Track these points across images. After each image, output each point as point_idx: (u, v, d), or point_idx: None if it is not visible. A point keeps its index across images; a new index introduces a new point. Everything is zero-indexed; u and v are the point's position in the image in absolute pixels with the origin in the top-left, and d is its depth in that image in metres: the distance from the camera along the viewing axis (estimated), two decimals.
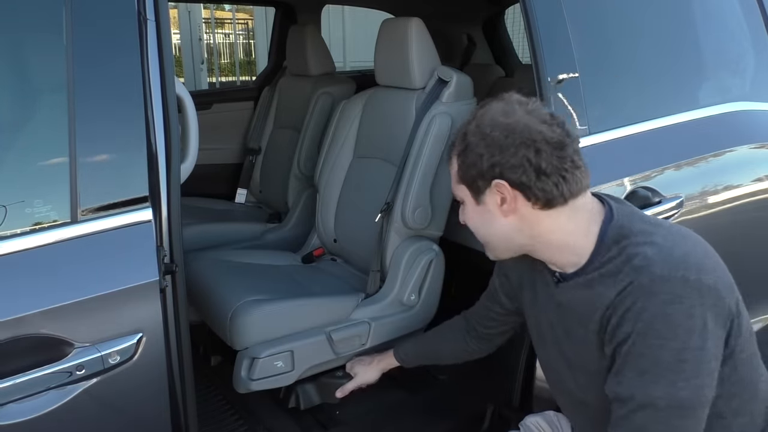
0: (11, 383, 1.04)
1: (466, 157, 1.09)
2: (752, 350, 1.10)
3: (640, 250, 1.03)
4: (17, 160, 1.12)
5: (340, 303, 1.82)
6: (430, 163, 1.85)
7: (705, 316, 0.98)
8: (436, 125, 1.85)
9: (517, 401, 1.74)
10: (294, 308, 1.76)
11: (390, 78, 2.09)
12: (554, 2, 1.57)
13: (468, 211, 1.16)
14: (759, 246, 1.88)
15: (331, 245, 2.22)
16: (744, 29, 1.91)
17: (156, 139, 1.18)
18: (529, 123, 1.04)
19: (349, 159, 2.21)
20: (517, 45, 3.73)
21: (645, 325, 0.98)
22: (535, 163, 1.03)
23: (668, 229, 1.09)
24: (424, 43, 1.96)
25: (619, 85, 1.70)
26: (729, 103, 1.84)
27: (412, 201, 1.84)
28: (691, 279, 0.98)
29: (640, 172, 1.62)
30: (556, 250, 1.12)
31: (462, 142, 1.11)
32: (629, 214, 1.10)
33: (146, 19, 1.17)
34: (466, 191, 1.13)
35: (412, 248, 1.87)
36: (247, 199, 3.04)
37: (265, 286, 1.88)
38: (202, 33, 8.10)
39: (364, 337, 1.79)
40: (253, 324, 1.68)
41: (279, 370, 1.67)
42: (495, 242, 1.17)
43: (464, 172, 1.11)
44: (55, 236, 1.09)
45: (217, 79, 8.79)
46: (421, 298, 1.88)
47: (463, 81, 1.91)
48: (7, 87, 1.14)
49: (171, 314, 1.21)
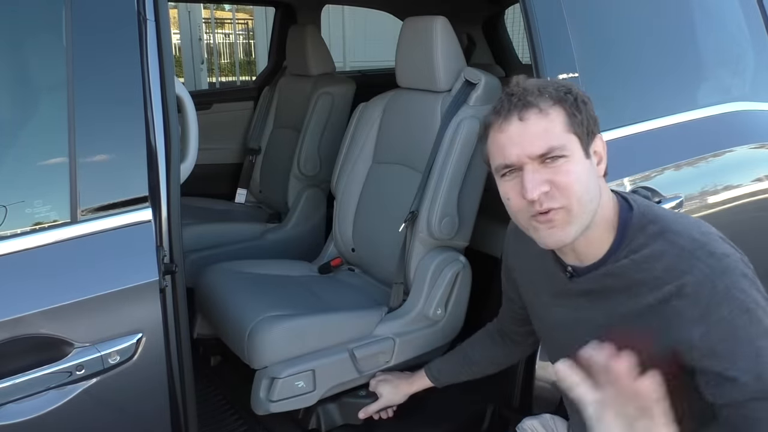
0: (11, 383, 1.04)
1: (577, 104, 1.03)
2: None
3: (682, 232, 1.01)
4: (17, 160, 1.12)
5: (363, 318, 1.74)
6: (458, 170, 1.77)
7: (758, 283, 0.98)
8: (464, 130, 1.76)
9: (517, 402, 1.74)
10: (315, 324, 1.68)
11: (413, 80, 2.00)
12: (554, 2, 1.57)
13: (574, 166, 1.02)
14: (759, 246, 1.88)
15: (349, 255, 2.14)
16: (744, 29, 1.91)
17: (156, 139, 1.18)
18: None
19: (368, 164, 2.12)
20: (517, 45, 3.73)
21: (739, 302, 0.94)
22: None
23: (684, 215, 1.10)
24: (449, 43, 1.86)
25: (619, 85, 1.70)
26: (729, 103, 1.84)
27: (439, 210, 1.75)
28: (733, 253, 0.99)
29: (639, 172, 1.62)
30: (597, 232, 1.06)
31: (566, 90, 1.05)
32: (646, 204, 1.09)
33: (146, 19, 1.17)
34: (576, 143, 1.03)
35: (438, 259, 1.79)
36: (247, 199, 3.04)
37: (283, 300, 1.80)
38: (202, 33, 8.10)
39: (388, 354, 1.72)
40: (272, 342, 1.61)
41: (300, 390, 1.60)
42: (589, 207, 1.03)
43: (576, 119, 1.03)
44: (54, 236, 1.09)
45: (217, 79, 8.79)
46: (448, 312, 1.80)
47: (491, 83, 1.83)
48: (7, 87, 1.14)
49: (171, 314, 1.21)
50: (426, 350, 1.79)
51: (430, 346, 1.79)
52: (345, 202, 2.14)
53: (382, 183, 2.07)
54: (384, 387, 1.66)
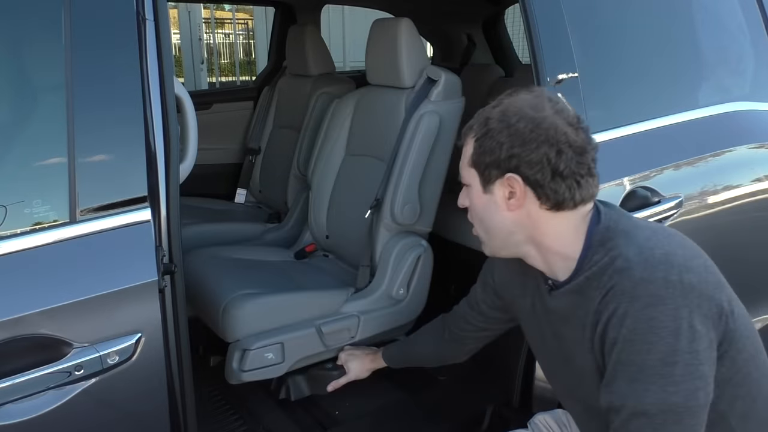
0: (10, 383, 1.04)
1: (485, 141, 1.06)
2: (754, 349, 1.07)
3: (622, 251, 1.01)
4: (16, 160, 1.12)
5: (331, 297, 1.86)
6: (419, 160, 1.89)
7: (691, 317, 0.94)
8: (425, 123, 1.89)
9: (517, 402, 1.74)
10: (285, 302, 1.80)
11: (381, 77, 2.13)
12: (554, 2, 1.57)
13: (472, 197, 1.12)
14: (759, 246, 1.88)
15: (323, 241, 2.26)
16: (744, 29, 1.91)
17: (155, 139, 1.18)
18: (557, 122, 1.02)
19: (342, 156, 2.25)
20: (517, 45, 3.73)
21: (629, 330, 0.96)
22: (554, 163, 1.01)
23: (653, 230, 1.07)
24: (413, 43, 2.00)
25: (619, 85, 1.70)
26: (729, 103, 1.84)
27: (401, 197, 1.88)
28: (673, 279, 0.96)
29: (639, 172, 1.62)
30: (550, 255, 1.10)
31: (483, 126, 1.07)
32: (616, 217, 1.08)
33: (145, 19, 1.17)
34: (476, 176, 1.09)
35: (401, 244, 1.91)
36: (247, 199, 3.03)
37: (257, 280, 1.91)
38: (202, 33, 8.11)
39: (353, 330, 1.83)
40: (244, 317, 1.72)
41: (269, 361, 1.71)
42: (493, 235, 1.13)
43: (479, 156, 1.07)
44: (54, 236, 1.09)
45: (217, 79, 8.80)
46: (410, 293, 1.92)
47: (451, 80, 1.94)
48: (7, 87, 1.14)
49: (170, 314, 1.21)
50: (389, 327, 1.90)
51: (392, 324, 1.91)
52: (320, 192, 2.26)
53: (354, 174, 2.20)
54: (353, 362, 1.76)
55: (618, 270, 1.00)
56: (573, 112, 1.06)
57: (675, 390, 0.94)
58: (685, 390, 0.94)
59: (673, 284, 0.95)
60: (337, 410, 1.87)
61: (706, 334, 0.96)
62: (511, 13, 3.88)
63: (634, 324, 0.96)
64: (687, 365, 0.94)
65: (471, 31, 3.56)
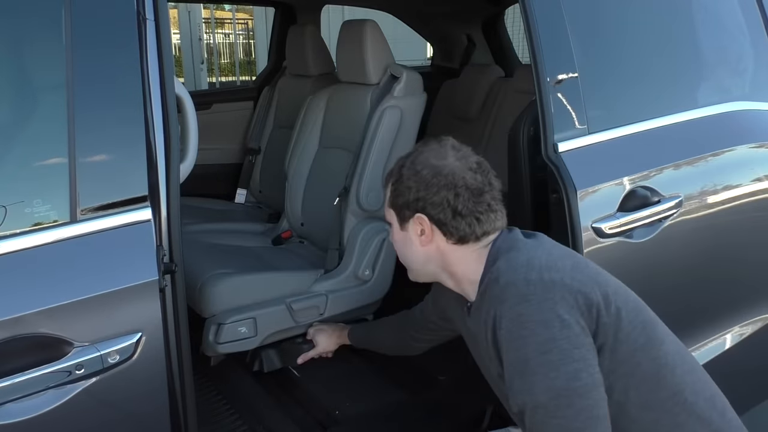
0: (10, 383, 1.04)
1: (398, 186, 1.23)
2: (646, 339, 1.12)
3: (497, 264, 1.15)
4: (17, 160, 1.12)
5: (301, 277, 1.99)
6: (382, 150, 2.04)
7: (555, 308, 1.04)
8: (387, 117, 2.04)
9: None
10: (258, 280, 1.93)
11: (349, 74, 2.31)
12: (554, 2, 1.57)
13: (393, 234, 1.30)
14: (758, 246, 1.88)
15: (299, 228, 2.41)
16: (743, 29, 1.91)
17: (155, 139, 1.18)
18: (456, 169, 1.18)
19: (315, 149, 2.41)
20: (517, 45, 3.73)
21: (506, 330, 1.07)
22: (453, 204, 1.17)
23: (532, 243, 1.19)
24: (377, 43, 2.16)
25: (619, 85, 1.70)
26: (728, 103, 1.84)
27: (366, 185, 2.03)
28: (533, 278, 1.08)
29: (639, 171, 1.62)
30: (460, 280, 1.24)
31: (397, 172, 1.24)
32: (511, 238, 1.20)
33: (145, 18, 1.17)
34: (394, 216, 1.27)
35: (367, 228, 2.04)
36: (247, 199, 3.03)
37: (233, 262, 2.04)
38: (202, 33, 8.12)
39: (321, 307, 1.94)
40: (219, 294, 1.84)
41: (243, 335, 1.82)
42: (412, 265, 1.30)
43: (394, 198, 1.25)
44: (54, 236, 1.09)
45: (217, 79, 8.81)
46: (375, 274, 2.04)
47: (412, 77, 2.09)
48: (7, 87, 1.14)
49: (170, 314, 1.21)
50: (356, 306, 2.03)
51: (359, 303, 2.04)
52: (295, 182, 2.41)
53: (326, 165, 2.36)
54: (320, 336, 1.88)
55: (492, 280, 1.14)
56: (475, 158, 1.22)
57: (556, 375, 1.02)
58: (566, 373, 1.02)
59: (533, 282, 1.07)
60: (337, 410, 1.87)
61: (576, 322, 1.04)
62: (511, 13, 3.88)
63: (508, 324, 1.07)
64: (562, 350, 1.02)
65: (471, 31, 3.56)
